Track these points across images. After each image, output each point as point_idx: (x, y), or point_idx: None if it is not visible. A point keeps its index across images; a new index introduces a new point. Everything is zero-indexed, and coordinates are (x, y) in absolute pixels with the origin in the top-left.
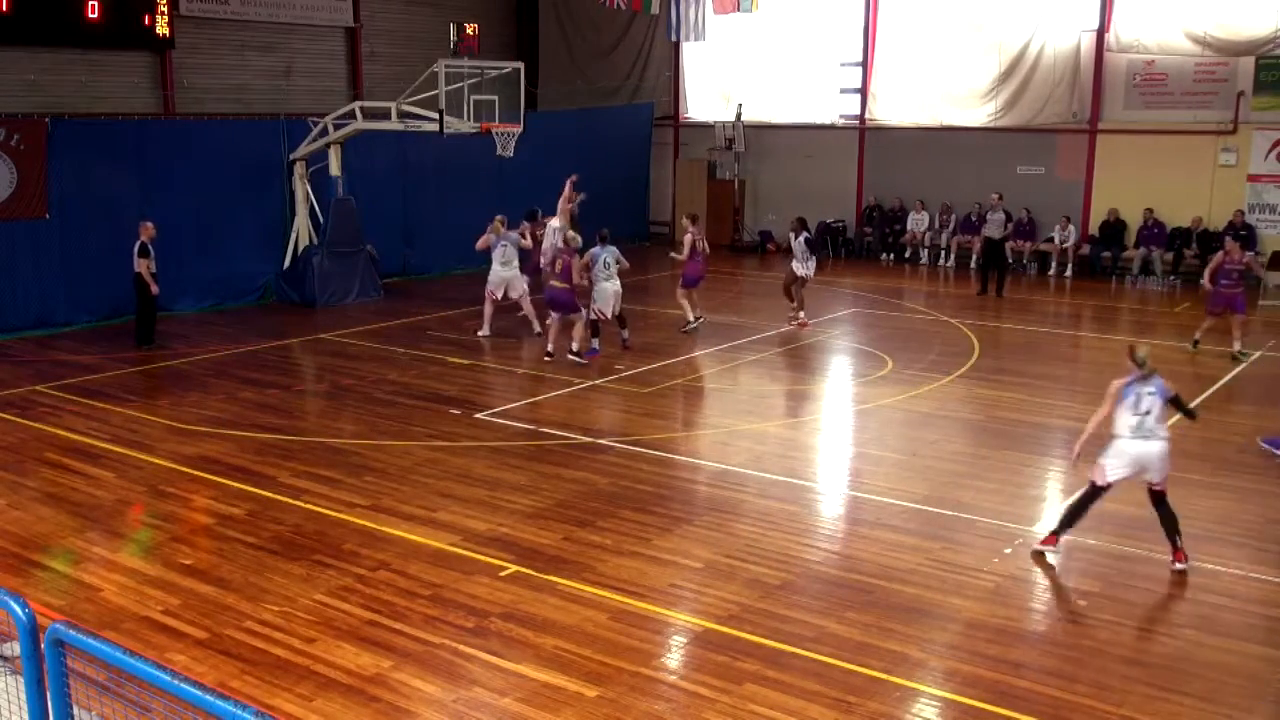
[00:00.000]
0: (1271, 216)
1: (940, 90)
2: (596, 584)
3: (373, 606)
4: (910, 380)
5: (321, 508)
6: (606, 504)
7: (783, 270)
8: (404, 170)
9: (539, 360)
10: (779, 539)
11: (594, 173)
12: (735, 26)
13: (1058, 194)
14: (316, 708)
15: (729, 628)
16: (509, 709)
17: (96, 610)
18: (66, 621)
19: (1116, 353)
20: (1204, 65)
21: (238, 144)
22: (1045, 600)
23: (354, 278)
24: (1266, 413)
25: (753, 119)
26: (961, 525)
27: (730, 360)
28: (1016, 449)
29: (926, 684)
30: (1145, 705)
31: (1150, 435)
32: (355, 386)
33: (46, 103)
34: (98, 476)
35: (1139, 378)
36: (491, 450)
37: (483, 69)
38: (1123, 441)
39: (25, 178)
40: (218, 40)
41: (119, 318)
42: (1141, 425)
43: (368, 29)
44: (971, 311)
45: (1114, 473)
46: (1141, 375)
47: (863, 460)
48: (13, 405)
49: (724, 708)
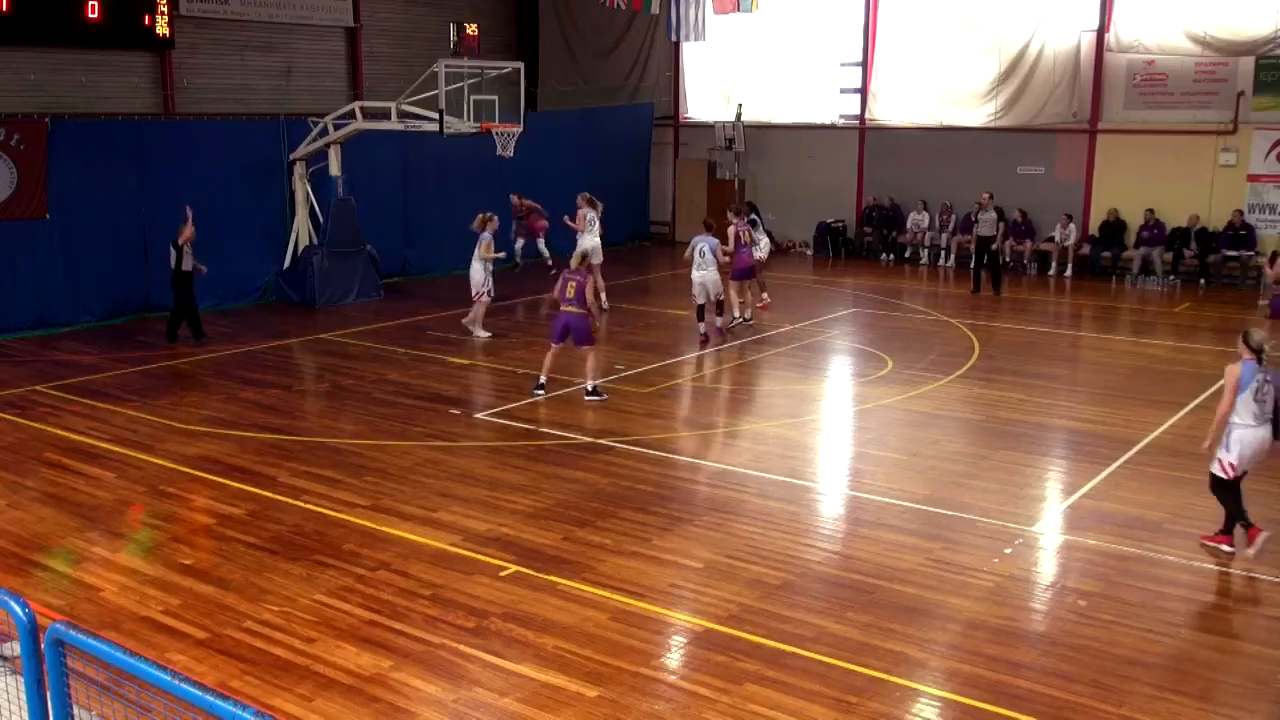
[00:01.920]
0: (1271, 216)
1: (940, 90)
2: (596, 584)
3: (373, 606)
4: (910, 380)
5: (321, 508)
6: (606, 504)
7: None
8: (404, 170)
9: (537, 361)
10: (779, 539)
11: (594, 173)
12: (735, 26)
13: (1058, 194)
14: (316, 708)
15: (729, 628)
16: (509, 709)
17: (96, 610)
18: (66, 621)
19: (1116, 353)
20: (1204, 65)
21: (238, 144)
22: (1045, 600)
23: (354, 278)
24: None
25: (753, 119)
26: (961, 525)
27: (730, 360)
28: (1016, 449)
29: (926, 684)
30: (1145, 705)
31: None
32: (355, 386)
33: (46, 103)
34: (98, 476)
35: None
36: (491, 450)
37: (483, 69)
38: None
39: (25, 178)
40: (218, 40)
41: (119, 318)
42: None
43: (368, 29)
44: (971, 311)
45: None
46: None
47: (863, 460)
48: (13, 405)
49: (724, 708)
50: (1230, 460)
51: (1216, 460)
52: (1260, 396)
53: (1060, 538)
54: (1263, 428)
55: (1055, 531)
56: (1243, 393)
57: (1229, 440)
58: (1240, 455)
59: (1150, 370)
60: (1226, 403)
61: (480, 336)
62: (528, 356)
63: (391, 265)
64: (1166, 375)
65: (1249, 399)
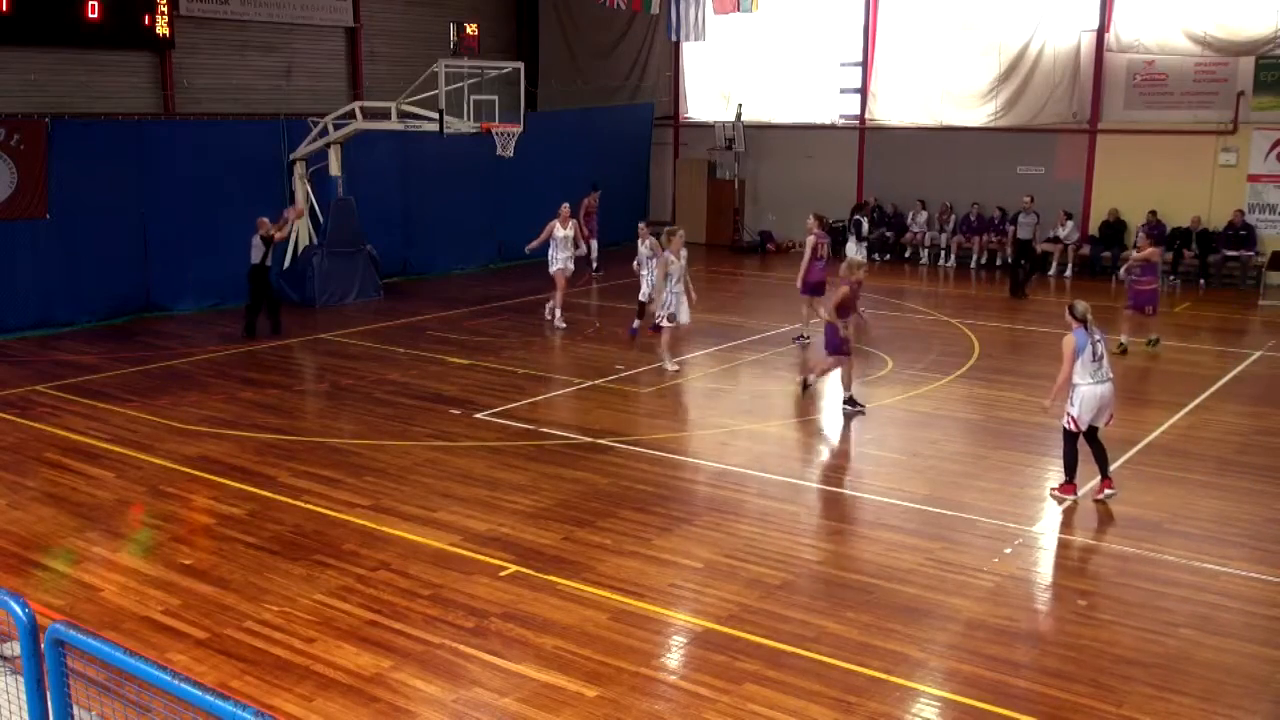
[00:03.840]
0: (1271, 216)
1: (940, 90)
2: (596, 584)
3: (373, 606)
4: (910, 380)
5: (321, 508)
6: (606, 504)
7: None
8: (404, 170)
9: (537, 361)
10: (779, 539)
11: (594, 173)
12: (735, 26)
13: (1058, 194)
14: (316, 708)
15: (729, 628)
16: (509, 709)
17: (96, 610)
18: (66, 621)
19: (1116, 353)
20: (1204, 65)
21: (238, 144)
22: (1045, 600)
23: (354, 278)
24: (1266, 413)
25: (753, 119)
26: (961, 525)
27: (730, 360)
28: (1016, 449)
29: (926, 684)
30: (1145, 705)
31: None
32: (355, 386)
33: (46, 103)
34: (98, 476)
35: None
36: (491, 450)
37: (483, 69)
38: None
39: (25, 178)
40: (218, 40)
41: (119, 318)
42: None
43: (368, 29)
44: (972, 311)
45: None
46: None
47: (863, 460)
48: (13, 405)
49: (724, 708)
50: (1074, 414)
51: (1066, 415)
52: (1095, 357)
53: (1060, 538)
54: (1101, 385)
55: (1055, 531)
56: (1080, 356)
57: (1073, 397)
58: (1081, 410)
59: (1150, 370)
60: (1066, 369)
61: (670, 369)
62: (528, 356)
63: (391, 265)
64: (1166, 375)
65: (1087, 360)
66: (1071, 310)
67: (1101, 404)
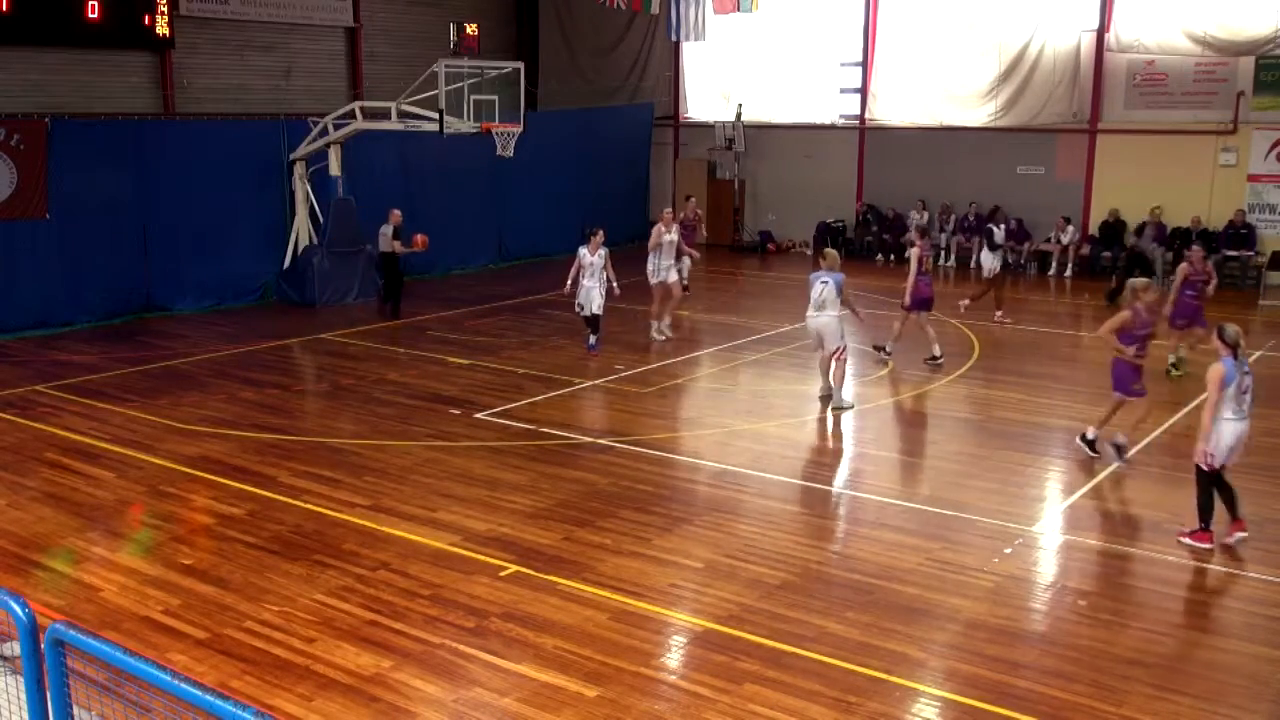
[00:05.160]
0: (1271, 216)
1: (940, 90)
2: (596, 584)
3: (373, 606)
4: (910, 380)
5: (321, 508)
6: (606, 504)
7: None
8: (404, 170)
9: (537, 361)
10: (779, 539)
11: (594, 173)
12: (735, 26)
13: (1058, 194)
14: (316, 708)
15: (729, 628)
16: (509, 709)
17: (96, 610)
18: (66, 621)
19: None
20: (1204, 65)
21: (238, 144)
22: (1045, 600)
23: (354, 278)
24: (1266, 413)
25: (753, 119)
26: (961, 525)
27: (730, 360)
28: (1016, 449)
29: (926, 684)
30: (1145, 705)
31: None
32: (355, 386)
33: (46, 103)
34: (98, 476)
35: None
36: (491, 450)
37: (483, 69)
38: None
39: (25, 178)
40: (218, 40)
41: (119, 318)
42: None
43: (368, 29)
44: (971, 311)
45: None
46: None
47: (863, 460)
48: (13, 405)
49: (724, 708)
50: (1212, 451)
51: (1202, 453)
52: (1242, 390)
53: (1060, 538)
54: (1242, 422)
55: (1055, 531)
56: (1228, 388)
57: (1213, 433)
58: (1218, 448)
59: (1150, 370)
60: (1212, 401)
61: (846, 405)
62: (528, 356)
63: None
64: (1166, 375)
65: (1233, 393)
66: (1221, 335)
67: (1239, 442)
